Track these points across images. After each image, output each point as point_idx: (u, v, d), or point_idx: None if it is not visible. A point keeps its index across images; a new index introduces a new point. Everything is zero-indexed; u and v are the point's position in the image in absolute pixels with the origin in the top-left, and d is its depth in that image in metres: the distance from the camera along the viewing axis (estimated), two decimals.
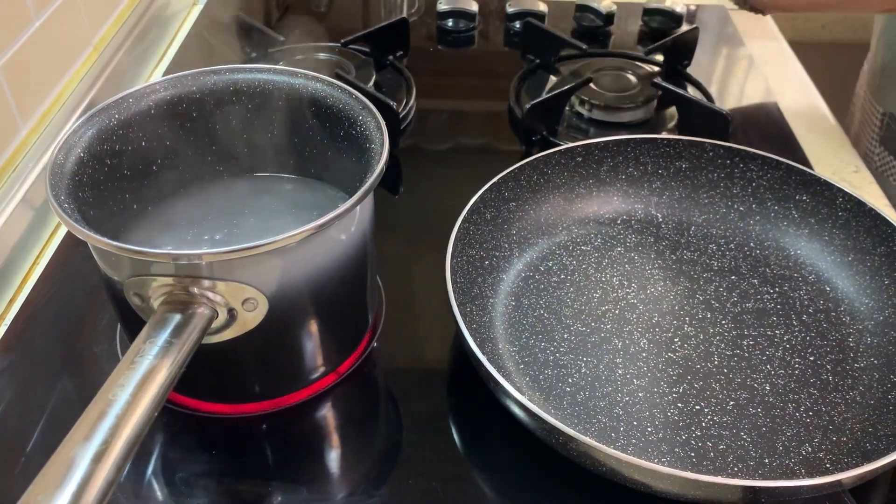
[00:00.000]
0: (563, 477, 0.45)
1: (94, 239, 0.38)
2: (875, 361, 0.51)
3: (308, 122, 0.51)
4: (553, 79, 0.80)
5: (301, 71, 0.50)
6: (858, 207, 0.56)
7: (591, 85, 0.74)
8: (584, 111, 0.74)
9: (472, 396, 0.50)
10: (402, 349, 0.54)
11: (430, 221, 0.64)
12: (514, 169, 0.58)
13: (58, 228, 0.65)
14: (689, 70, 0.82)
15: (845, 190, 0.56)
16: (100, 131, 0.46)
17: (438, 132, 0.76)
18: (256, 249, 0.39)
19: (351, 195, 0.42)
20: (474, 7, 0.91)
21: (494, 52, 0.90)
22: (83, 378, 0.52)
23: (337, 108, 0.49)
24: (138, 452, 0.32)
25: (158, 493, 0.45)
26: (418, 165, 0.71)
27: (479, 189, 0.56)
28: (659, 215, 0.62)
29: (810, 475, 0.44)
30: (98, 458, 0.30)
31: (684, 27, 0.88)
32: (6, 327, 0.55)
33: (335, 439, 0.50)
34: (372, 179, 0.42)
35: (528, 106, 0.70)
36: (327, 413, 0.50)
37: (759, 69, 0.85)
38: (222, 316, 0.41)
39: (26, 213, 0.62)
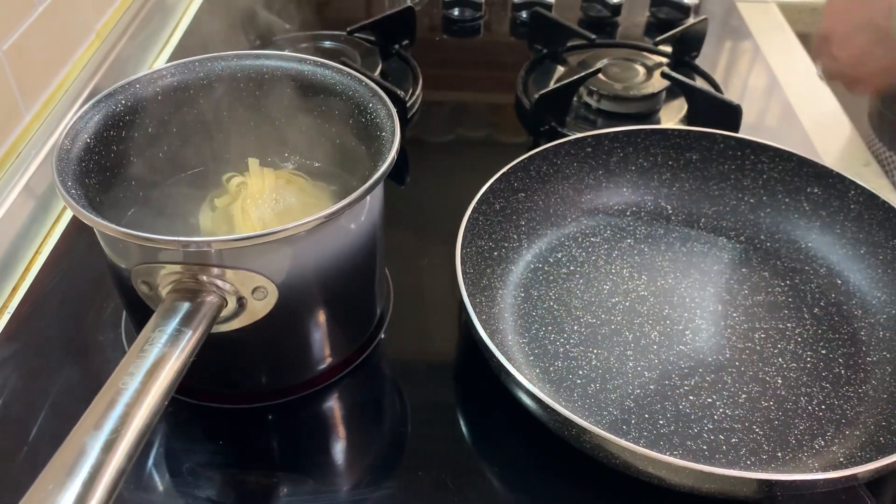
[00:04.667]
0: (572, 469, 0.45)
1: (102, 225, 0.38)
2: (888, 355, 0.50)
3: (316, 109, 0.50)
4: (560, 69, 0.80)
5: (310, 58, 0.50)
6: (871, 200, 0.55)
7: (600, 75, 0.73)
8: (592, 102, 0.73)
9: (480, 388, 0.49)
10: (410, 340, 0.54)
11: (436, 213, 0.64)
12: (524, 159, 0.57)
13: (61, 216, 0.64)
14: (697, 61, 0.81)
15: (857, 182, 0.56)
16: (106, 117, 0.46)
17: (444, 123, 0.75)
18: (266, 237, 0.38)
19: (360, 184, 0.41)
20: None
21: (501, 42, 0.89)
22: (87, 367, 0.51)
23: (347, 96, 0.48)
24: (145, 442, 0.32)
25: (163, 484, 0.45)
26: (424, 156, 0.71)
27: (487, 180, 0.55)
28: (669, 207, 0.61)
29: (823, 469, 0.44)
30: (108, 447, 0.30)
31: (692, 18, 0.88)
32: (9, 316, 0.54)
33: (342, 430, 0.49)
34: (384, 168, 0.42)
35: (536, 96, 0.69)
36: (334, 404, 0.50)
37: (766, 60, 0.84)
38: (231, 304, 0.40)
39: (29, 201, 0.62)
